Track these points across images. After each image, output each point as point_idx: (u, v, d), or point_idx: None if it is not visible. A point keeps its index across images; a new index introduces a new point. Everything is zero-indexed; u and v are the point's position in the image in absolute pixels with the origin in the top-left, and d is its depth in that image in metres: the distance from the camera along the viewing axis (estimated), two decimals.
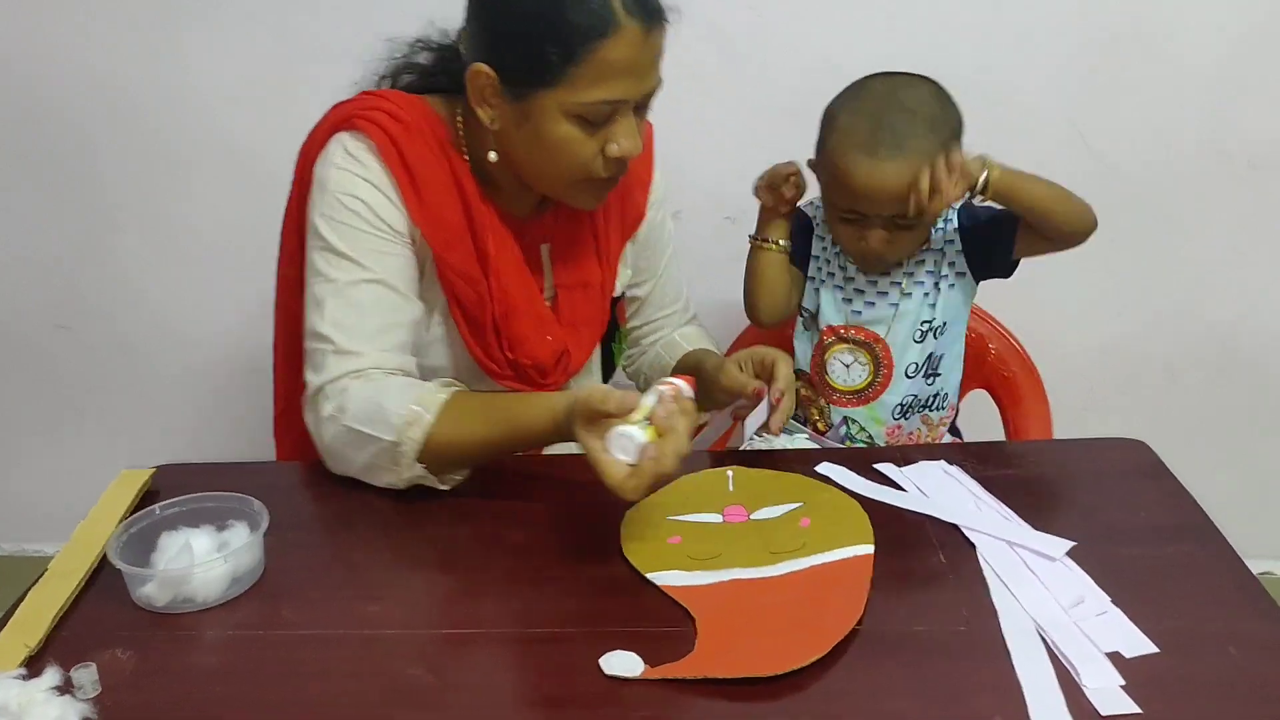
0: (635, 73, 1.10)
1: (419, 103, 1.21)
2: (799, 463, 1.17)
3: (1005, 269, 1.32)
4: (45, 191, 1.85)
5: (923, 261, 1.32)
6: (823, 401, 1.38)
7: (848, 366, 1.35)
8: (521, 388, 1.28)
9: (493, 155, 1.18)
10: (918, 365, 1.34)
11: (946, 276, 1.32)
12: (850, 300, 1.34)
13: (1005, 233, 1.28)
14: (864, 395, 1.36)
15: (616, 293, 1.37)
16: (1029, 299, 1.80)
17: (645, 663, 0.86)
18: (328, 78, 1.71)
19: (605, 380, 1.45)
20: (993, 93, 1.69)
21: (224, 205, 1.83)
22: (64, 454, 2.05)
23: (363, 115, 1.17)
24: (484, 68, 1.11)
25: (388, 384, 1.13)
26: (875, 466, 1.16)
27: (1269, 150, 1.72)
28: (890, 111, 1.21)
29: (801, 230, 1.38)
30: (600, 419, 0.97)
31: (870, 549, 0.99)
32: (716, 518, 1.06)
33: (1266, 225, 1.78)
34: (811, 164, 1.32)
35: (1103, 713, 0.80)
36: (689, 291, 1.50)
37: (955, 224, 1.31)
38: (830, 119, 1.27)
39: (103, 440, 2.02)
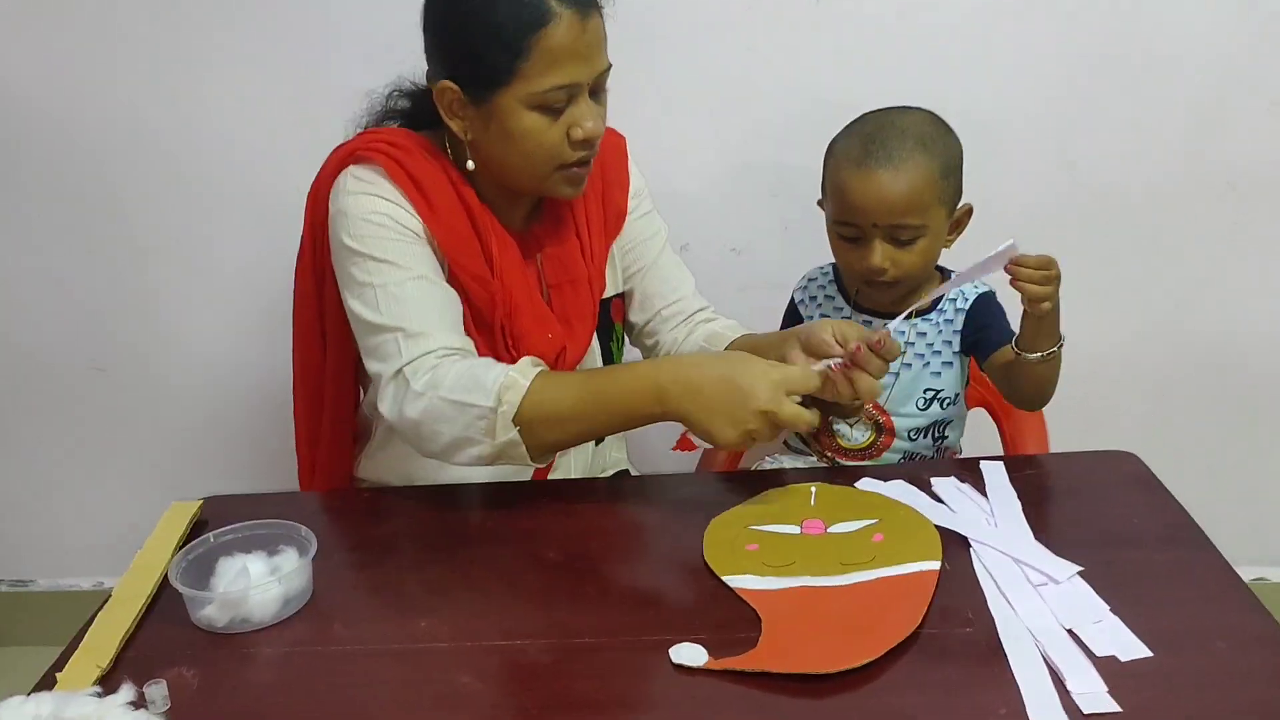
0: (580, 56, 1.17)
1: (412, 133, 1.30)
2: (810, 479, 1.23)
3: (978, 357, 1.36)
4: (77, 237, 1.90)
5: (924, 334, 1.36)
6: (829, 454, 1.41)
7: (851, 426, 1.39)
8: None
9: (470, 164, 1.26)
10: (921, 429, 1.38)
11: (944, 352, 1.36)
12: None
13: (990, 343, 1.32)
14: (868, 453, 1.40)
15: (608, 293, 1.43)
16: None
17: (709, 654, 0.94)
18: (341, 117, 1.79)
19: None
20: (983, 123, 1.73)
21: (249, 244, 1.87)
22: (99, 492, 2.09)
23: (364, 147, 1.27)
24: (446, 83, 1.21)
25: (478, 360, 1.20)
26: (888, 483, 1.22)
27: (1247, 172, 1.79)
28: (882, 130, 1.27)
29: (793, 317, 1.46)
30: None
31: (936, 565, 1.05)
32: (794, 529, 1.13)
33: (1247, 242, 1.84)
34: (820, 203, 1.38)
35: (1085, 711, 0.86)
36: (695, 287, 1.51)
37: (967, 306, 1.34)
38: (830, 150, 1.34)
39: (136, 478, 2.06)
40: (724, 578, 1.06)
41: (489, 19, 1.15)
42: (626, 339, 1.53)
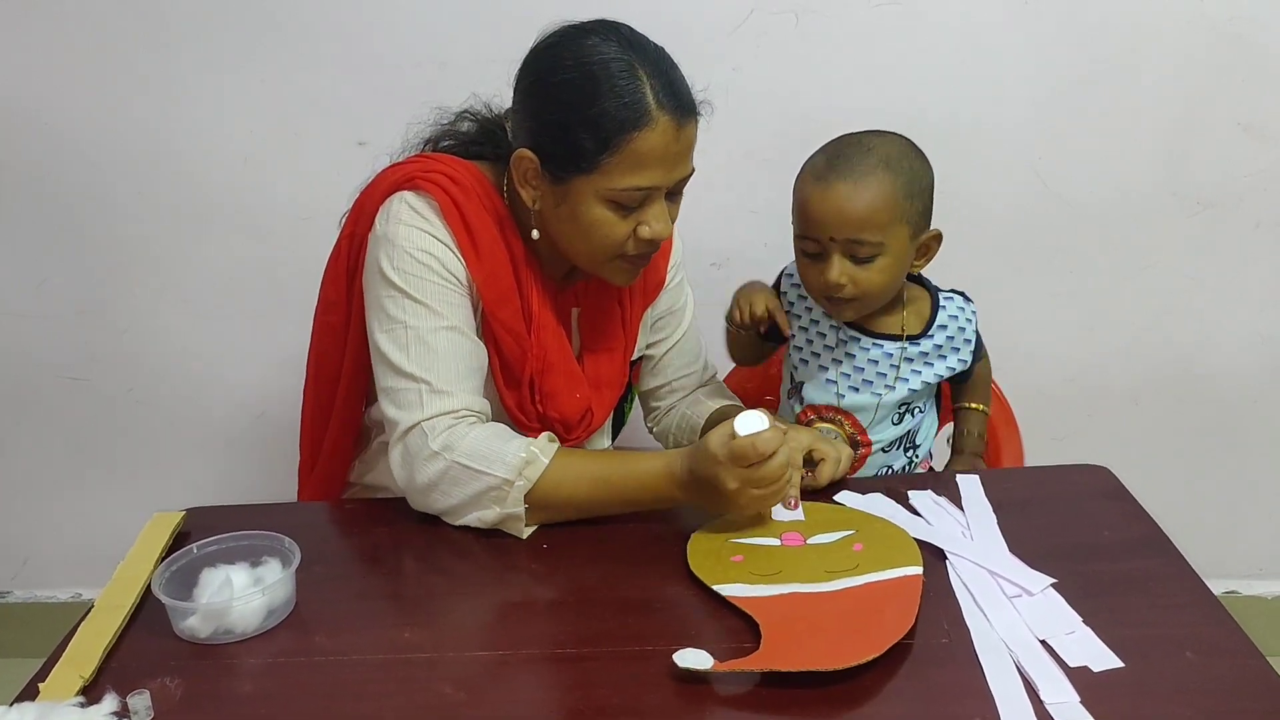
0: (667, 162, 1.17)
1: (471, 167, 1.28)
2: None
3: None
4: (60, 243, 1.90)
5: (911, 359, 1.36)
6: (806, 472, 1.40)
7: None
8: None
9: (535, 234, 1.26)
10: (894, 441, 1.39)
11: (925, 373, 1.36)
12: (835, 383, 1.38)
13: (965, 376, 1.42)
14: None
15: (634, 356, 1.44)
16: (1000, 335, 1.90)
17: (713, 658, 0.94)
18: (325, 135, 1.80)
19: (614, 437, 1.51)
20: (962, 139, 1.78)
21: (232, 253, 1.88)
22: (75, 503, 2.08)
23: (424, 176, 1.24)
24: (527, 153, 1.19)
25: (495, 428, 1.20)
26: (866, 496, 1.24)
27: (1217, 191, 1.83)
28: (848, 148, 1.27)
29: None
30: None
31: (919, 570, 1.07)
32: (774, 541, 1.15)
33: (1217, 259, 1.88)
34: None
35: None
36: (708, 355, 1.55)
37: (970, 356, 1.39)
38: (801, 169, 1.32)
39: (113, 489, 2.06)
40: (715, 586, 1.07)
41: (587, 108, 1.14)
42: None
